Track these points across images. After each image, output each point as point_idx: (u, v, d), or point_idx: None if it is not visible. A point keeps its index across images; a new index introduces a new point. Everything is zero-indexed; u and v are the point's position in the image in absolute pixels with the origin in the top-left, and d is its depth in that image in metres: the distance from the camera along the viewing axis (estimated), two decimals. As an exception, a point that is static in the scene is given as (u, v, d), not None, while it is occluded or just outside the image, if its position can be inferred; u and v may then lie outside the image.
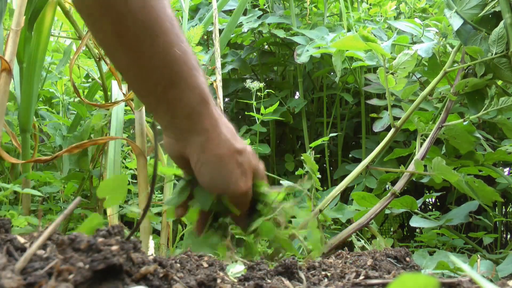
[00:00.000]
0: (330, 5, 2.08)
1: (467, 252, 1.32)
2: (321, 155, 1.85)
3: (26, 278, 0.34)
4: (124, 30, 0.64)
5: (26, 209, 1.22)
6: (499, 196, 1.22)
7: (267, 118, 1.60)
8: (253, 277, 0.50)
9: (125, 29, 0.64)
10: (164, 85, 0.67)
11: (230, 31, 1.40)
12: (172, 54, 0.66)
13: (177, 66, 0.67)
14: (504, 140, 1.48)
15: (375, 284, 0.47)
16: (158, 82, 0.67)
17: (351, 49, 1.39)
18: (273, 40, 1.98)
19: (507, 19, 1.06)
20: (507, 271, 0.96)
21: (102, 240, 0.39)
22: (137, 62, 0.66)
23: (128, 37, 0.64)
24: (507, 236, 2.00)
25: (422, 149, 1.16)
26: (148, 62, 0.66)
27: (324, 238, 1.04)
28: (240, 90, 2.08)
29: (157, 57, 0.66)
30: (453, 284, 0.48)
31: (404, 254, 0.77)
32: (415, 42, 1.67)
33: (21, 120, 1.26)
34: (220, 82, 1.22)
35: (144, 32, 0.64)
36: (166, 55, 0.66)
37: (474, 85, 1.16)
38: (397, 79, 1.16)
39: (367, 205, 1.20)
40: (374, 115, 1.58)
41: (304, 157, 1.08)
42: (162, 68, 0.66)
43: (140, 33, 0.64)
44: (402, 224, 2.17)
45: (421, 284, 0.26)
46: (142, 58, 0.66)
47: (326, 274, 0.58)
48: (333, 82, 1.99)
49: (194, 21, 1.96)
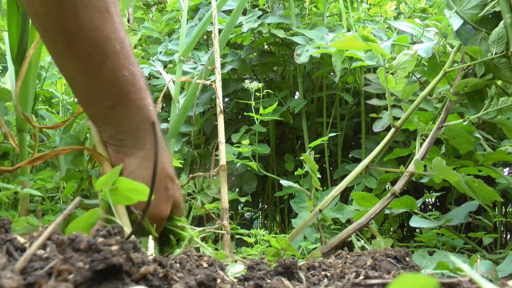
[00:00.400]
0: (330, 5, 2.08)
1: (467, 252, 1.32)
2: (321, 155, 1.85)
3: (26, 278, 0.34)
4: (74, 47, 0.65)
5: (24, 210, 1.22)
6: (499, 196, 1.22)
7: (266, 118, 1.60)
8: (253, 277, 0.50)
9: (76, 46, 0.65)
10: (111, 102, 0.69)
11: (229, 31, 1.40)
12: (121, 76, 0.68)
13: (125, 87, 0.69)
14: (504, 140, 1.48)
15: (375, 284, 0.47)
16: (105, 98, 0.69)
17: (351, 49, 1.39)
18: (273, 40, 1.98)
19: (507, 19, 1.06)
20: (507, 271, 0.96)
21: (102, 240, 0.38)
22: (86, 76, 0.67)
23: (78, 53, 0.65)
24: (507, 236, 2.00)
25: (422, 149, 1.16)
26: (96, 79, 0.67)
27: (324, 238, 1.04)
28: (239, 90, 2.08)
29: (106, 77, 0.67)
30: (453, 284, 0.48)
31: (404, 254, 0.77)
32: (415, 42, 1.67)
33: (17, 119, 1.26)
34: (219, 82, 1.22)
35: (94, 52, 0.65)
36: (115, 76, 0.67)
37: (474, 85, 1.16)
38: (397, 79, 1.16)
39: (367, 205, 1.20)
40: (374, 115, 1.58)
41: (304, 157, 1.08)
42: (110, 87, 0.68)
43: (90, 52, 0.65)
44: (402, 224, 2.17)
45: (421, 284, 0.26)
46: (92, 75, 0.67)
47: (326, 274, 0.58)
48: (333, 82, 1.99)
49: (193, 21, 1.96)
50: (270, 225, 2.09)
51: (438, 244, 1.36)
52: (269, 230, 1.98)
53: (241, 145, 1.47)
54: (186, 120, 1.88)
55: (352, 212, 1.33)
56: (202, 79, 1.34)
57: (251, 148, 1.51)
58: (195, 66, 1.87)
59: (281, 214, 2.09)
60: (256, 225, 2.44)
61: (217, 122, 1.21)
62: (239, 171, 1.87)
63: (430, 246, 1.35)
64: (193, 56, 1.96)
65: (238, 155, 1.58)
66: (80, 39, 0.64)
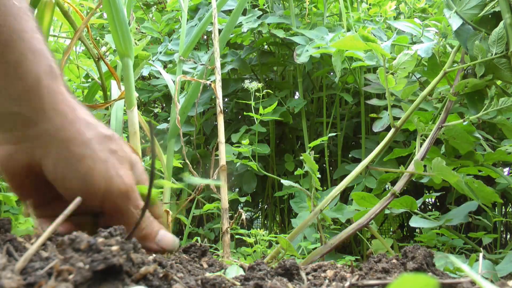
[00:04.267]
0: (329, 5, 2.08)
1: (467, 252, 1.32)
2: (320, 155, 1.85)
3: (26, 278, 0.34)
4: None
5: (25, 210, 1.21)
6: (499, 197, 1.22)
7: (266, 118, 1.60)
8: (253, 277, 0.50)
9: None
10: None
11: (229, 31, 1.40)
12: (9, 5, 0.45)
13: (17, 22, 0.46)
14: (504, 140, 1.48)
15: (375, 284, 0.47)
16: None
17: (350, 49, 1.39)
18: (273, 40, 1.98)
19: (506, 19, 1.06)
20: (506, 270, 0.96)
21: (102, 241, 0.38)
22: None
23: None
24: (507, 236, 2.00)
25: (421, 149, 1.16)
26: None
27: (324, 238, 1.03)
28: (239, 90, 2.08)
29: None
30: (453, 284, 0.48)
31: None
32: (415, 42, 1.67)
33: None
34: (219, 82, 1.22)
35: None
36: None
37: (474, 86, 1.16)
38: (397, 79, 1.16)
39: (367, 205, 1.20)
40: (373, 115, 1.58)
41: (304, 157, 1.08)
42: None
43: None
44: (402, 224, 2.17)
45: (421, 285, 0.26)
46: None
47: (326, 275, 0.58)
48: (332, 82, 1.99)
49: (193, 21, 1.96)
50: (270, 225, 2.09)
51: (438, 244, 1.36)
52: (269, 230, 1.99)
53: (241, 145, 1.47)
54: (186, 120, 1.88)
55: (352, 212, 1.33)
56: (203, 79, 1.34)
57: (251, 148, 1.51)
58: (195, 66, 1.87)
59: (281, 214, 2.09)
60: (256, 225, 2.44)
61: (217, 122, 1.21)
62: (239, 171, 1.87)
63: (430, 246, 1.35)
64: (193, 56, 1.96)
65: (238, 155, 1.58)
66: None
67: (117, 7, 1.07)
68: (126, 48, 1.11)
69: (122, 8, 1.09)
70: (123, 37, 1.10)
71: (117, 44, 1.11)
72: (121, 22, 1.09)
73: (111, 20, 1.08)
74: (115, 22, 1.08)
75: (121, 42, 1.10)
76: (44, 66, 0.47)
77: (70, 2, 1.32)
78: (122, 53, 1.12)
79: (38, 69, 0.46)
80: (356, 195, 1.22)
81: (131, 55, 1.13)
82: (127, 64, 1.13)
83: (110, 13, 1.08)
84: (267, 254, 1.06)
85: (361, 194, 1.21)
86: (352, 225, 1.08)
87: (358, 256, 1.54)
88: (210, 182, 1.11)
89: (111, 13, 1.08)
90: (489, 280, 0.80)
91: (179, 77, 1.27)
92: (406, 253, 0.60)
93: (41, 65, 0.46)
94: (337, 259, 1.22)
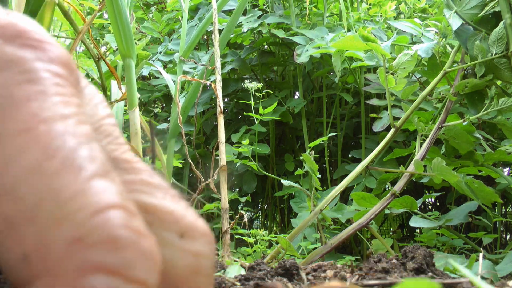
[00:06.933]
0: (330, 5, 2.08)
1: (467, 252, 1.32)
2: (320, 155, 1.86)
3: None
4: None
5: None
6: (499, 197, 1.22)
7: (266, 118, 1.60)
8: (253, 277, 0.50)
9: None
10: None
11: (229, 31, 1.40)
12: None
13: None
14: (504, 140, 1.48)
15: (375, 284, 0.47)
16: None
17: (351, 49, 1.39)
18: (273, 40, 1.98)
19: (506, 19, 1.06)
20: (506, 270, 0.96)
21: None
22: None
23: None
24: (507, 236, 2.00)
25: (421, 149, 1.16)
26: None
27: (324, 238, 1.04)
28: (239, 90, 2.08)
29: None
30: (453, 284, 0.48)
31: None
32: (415, 42, 1.67)
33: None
34: (219, 82, 1.22)
35: None
36: None
37: (474, 86, 1.16)
38: (397, 79, 1.16)
39: (367, 205, 1.20)
40: (373, 115, 1.58)
41: (304, 157, 1.08)
42: None
43: None
44: (402, 224, 2.17)
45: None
46: None
47: (326, 275, 0.58)
48: (332, 82, 2.00)
49: (193, 21, 1.96)
50: (270, 225, 2.09)
51: (438, 244, 1.36)
52: (269, 230, 1.99)
53: (241, 145, 1.48)
54: (186, 120, 1.88)
55: (352, 212, 1.33)
56: (203, 79, 1.34)
57: (251, 148, 1.51)
58: (195, 66, 1.87)
59: (281, 214, 2.09)
60: (256, 225, 2.44)
61: (217, 122, 1.21)
62: (239, 171, 1.87)
63: (430, 246, 1.35)
64: (193, 56, 1.96)
65: (238, 155, 1.58)
66: None
67: (119, 9, 1.07)
68: (128, 49, 1.11)
69: (125, 9, 1.09)
70: (126, 38, 1.10)
71: (120, 45, 1.11)
72: (124, 23, 1.09)
73: (113, 21, 1.08)
74: (118, 23, 1.08)
75: (123, 43, 1.10)
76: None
77: (70, 2, 1.32)
78: (124, 54, 1.12)
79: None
80: (356, 195, 1.22)
81: (133, 56, 1.13)
82: (129, 65, 1.13)
83: (112, 14, 1.08)
84: (267, 254, 1.06)
85: (361, 194, 1.22)
86: (352, 225, 1.08)
87: (358, 256, 1.54)
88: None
89: (113, 14, 1.08)
90: (489, 280, 0.80)
91: (179, 77, 1.28)
92: (406, 253, 0.60)
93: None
94: (337, 259, 1.22)
